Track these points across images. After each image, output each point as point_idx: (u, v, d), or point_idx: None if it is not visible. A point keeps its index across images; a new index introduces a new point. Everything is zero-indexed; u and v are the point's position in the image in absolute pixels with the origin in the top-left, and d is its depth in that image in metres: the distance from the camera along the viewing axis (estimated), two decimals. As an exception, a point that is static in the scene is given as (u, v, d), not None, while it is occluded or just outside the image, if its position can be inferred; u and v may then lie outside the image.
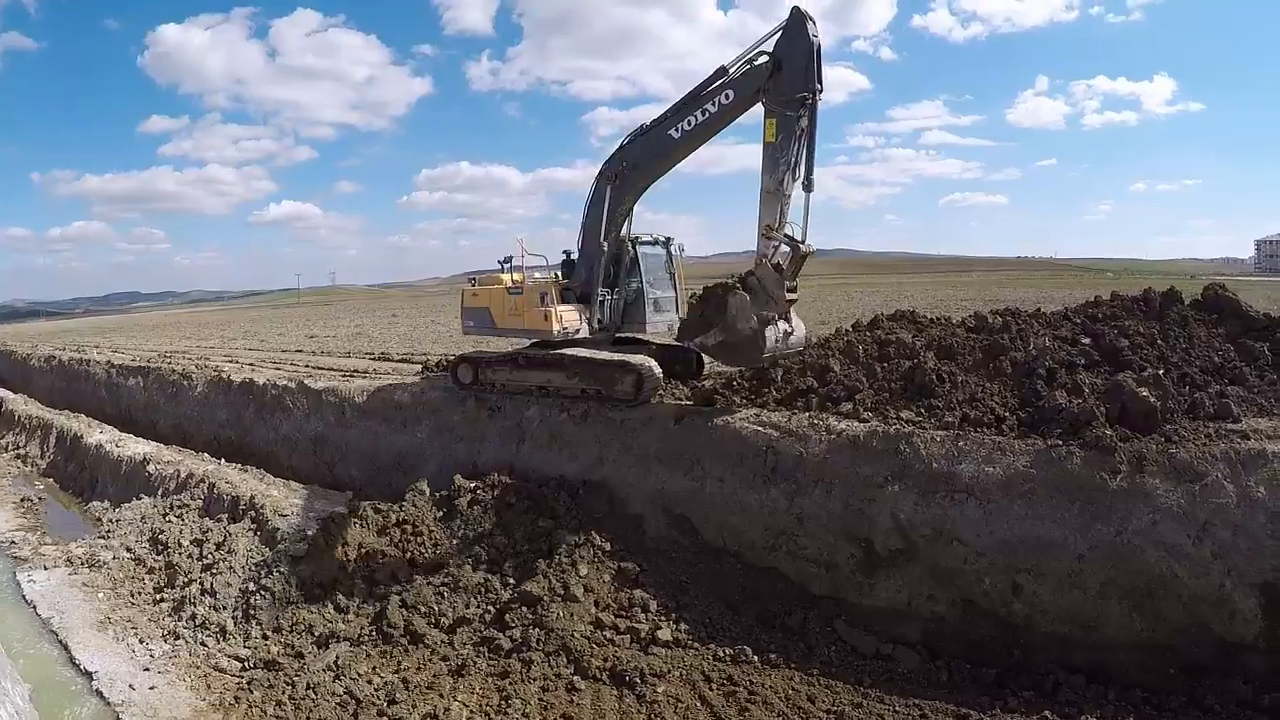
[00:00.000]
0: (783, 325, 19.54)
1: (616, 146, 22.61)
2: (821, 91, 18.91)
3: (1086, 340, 19.10)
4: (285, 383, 31.83)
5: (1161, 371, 17.22)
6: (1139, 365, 17.73)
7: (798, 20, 18.85)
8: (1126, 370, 17.34)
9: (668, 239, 24.69)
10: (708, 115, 20.44)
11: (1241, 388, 17.20)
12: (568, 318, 23.19)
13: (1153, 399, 16.03)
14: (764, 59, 19.30)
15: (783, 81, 18.87)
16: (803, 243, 19.31)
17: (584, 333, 23.47)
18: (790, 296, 19.63)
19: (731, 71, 19.98)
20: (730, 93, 19.97)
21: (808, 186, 19.27)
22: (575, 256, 23.97)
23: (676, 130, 21.06)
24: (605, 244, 22.92)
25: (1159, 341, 18.74)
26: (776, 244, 19.17)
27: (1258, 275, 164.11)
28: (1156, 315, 19.81)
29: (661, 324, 24.20)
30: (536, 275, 24.87)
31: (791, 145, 18.77)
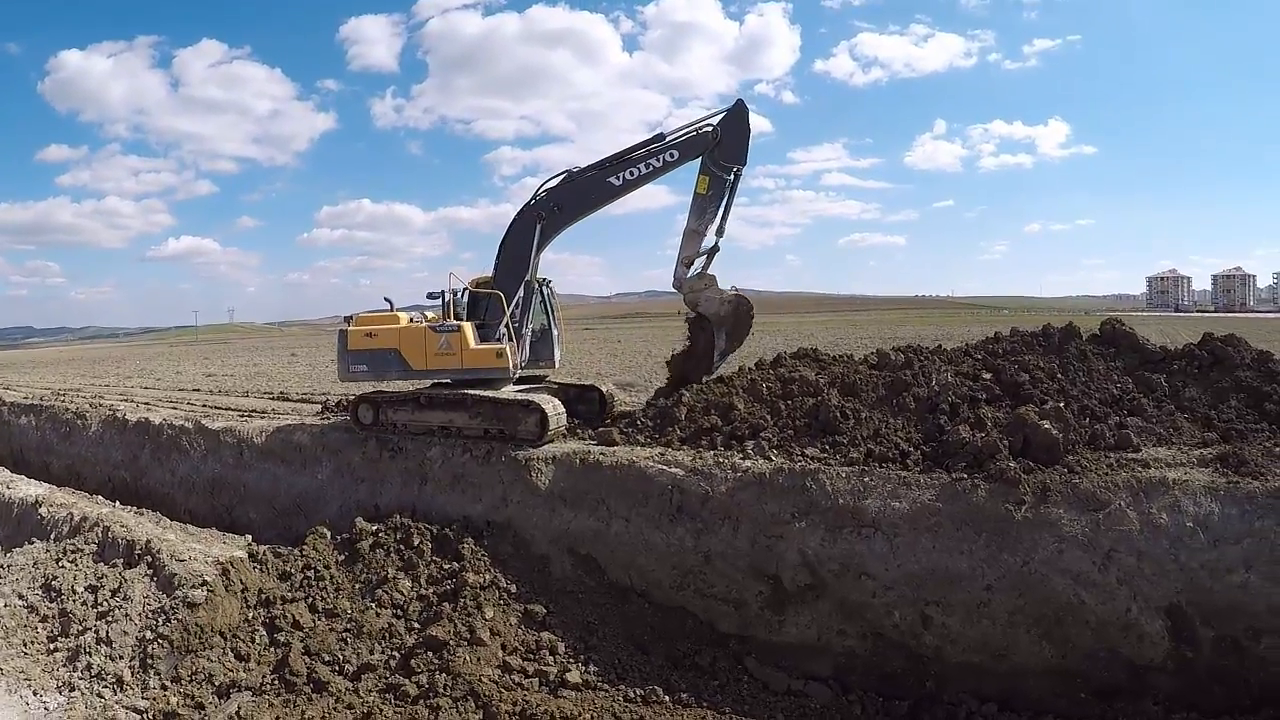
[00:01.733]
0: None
1: (541, 189, 23.46)
2: (745, 164, 22.62)
3: (988, 375, 19.43)
4: (182, 422, 31.05)
5: (1062, 404, 17.59)
6: (1040, 399, 18.07)
7: (742, 110, 22.56)
8: (1028, 404, 17.68)
9: (547, 280, 24.90)
10: (651, 169, 22.71)
11: (1140, 418, 17.64)
12: (482, 357, 22.77)
13: (1054, 431, 16.34)
14: (709, 129, 22.33)
15: (723, 152, 22.21)
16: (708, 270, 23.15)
17: (496, 372, 23.01)
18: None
19: (671, 137, 22.65)
20: (675, 153, 22.57)
21: (720, 233, 22.75)
22: (465, 295, 23.73)
23: (618, 178, 22.86)
24: (525, 282, 22.99)
25: (1059, 375, 19.15)
26: (691, 264, 22.89)
27: (1149, 310, 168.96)
28: (1056, 350, 20.20)
29: (559, 359, 24.98)
30: (427, 314, 24.50)
31: (719, 199, 22.35)
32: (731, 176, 22.33)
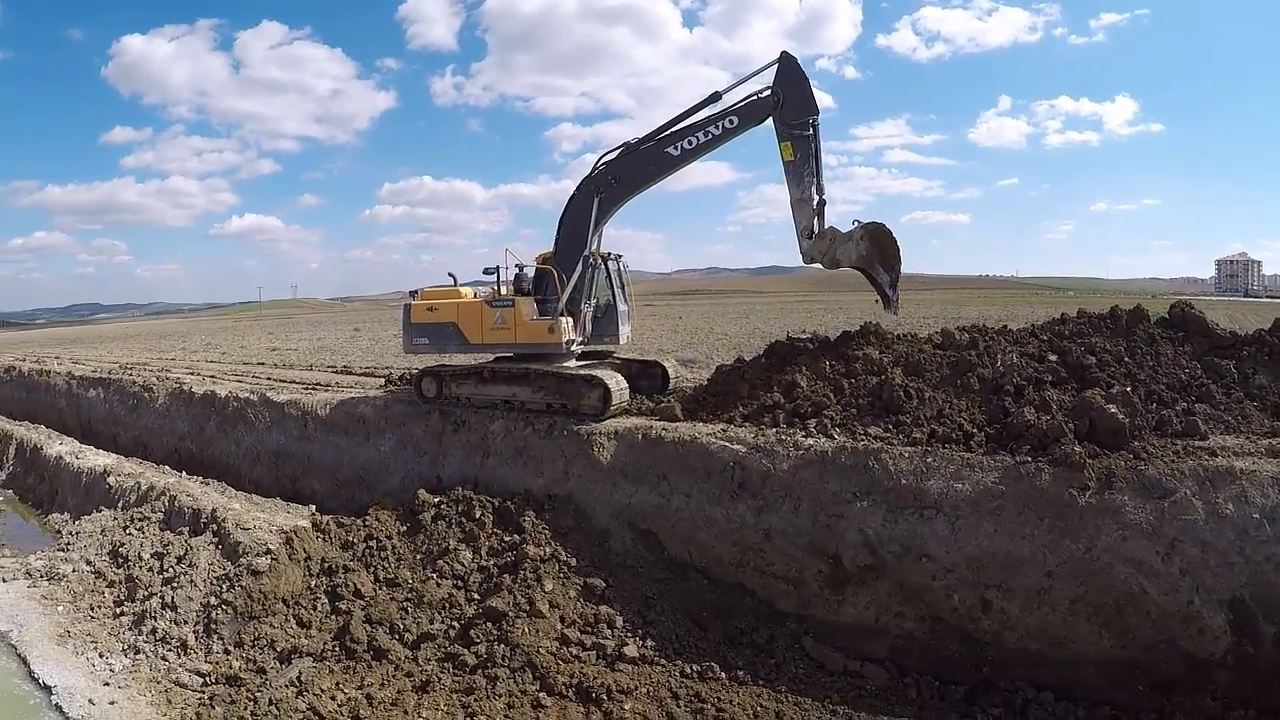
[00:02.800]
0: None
1: (600, 161, 22.95)
2: (819, 113, 21.41)
3: (1054, 357, 19.09)
4: (247, 395, 31.49)
5: (1129, 388, 17.23)
6: (1106, 382, 17.75)
7: (790, 62, 21.35)
8: (1094, 387, 17.37)
9: (618, 255, 24.71)
10: (710, 136, 21.90)
11: (1208, 405, 17.24)
12: (537, 331, 22.86)
13: (1121, 416, 16.05)
14: (767, 93, 21.33)
15: (790, 110, 21.12)
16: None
17: (578, 346, 23.37)
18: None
19: (732, 102, 21.81)
20: (735, 119, 21.67)
21: (820, 190, 21.61)
22: (530, 271, 23.69)
23: (676, 148, 22.17)
24: (586, 257, 22.69)
25: (1126, 359, 18.76)
26: (810, 233, 21.65)
27: (1217, 295, 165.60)
28: (1123, 332, 19.82)
29: (626, 335, 24.48)
30: (481, 290, 24.56)
31: (808, 160, 21.29)
32: (810, 130, 21.31)
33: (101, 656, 18.25)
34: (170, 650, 18.13)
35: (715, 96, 21.99)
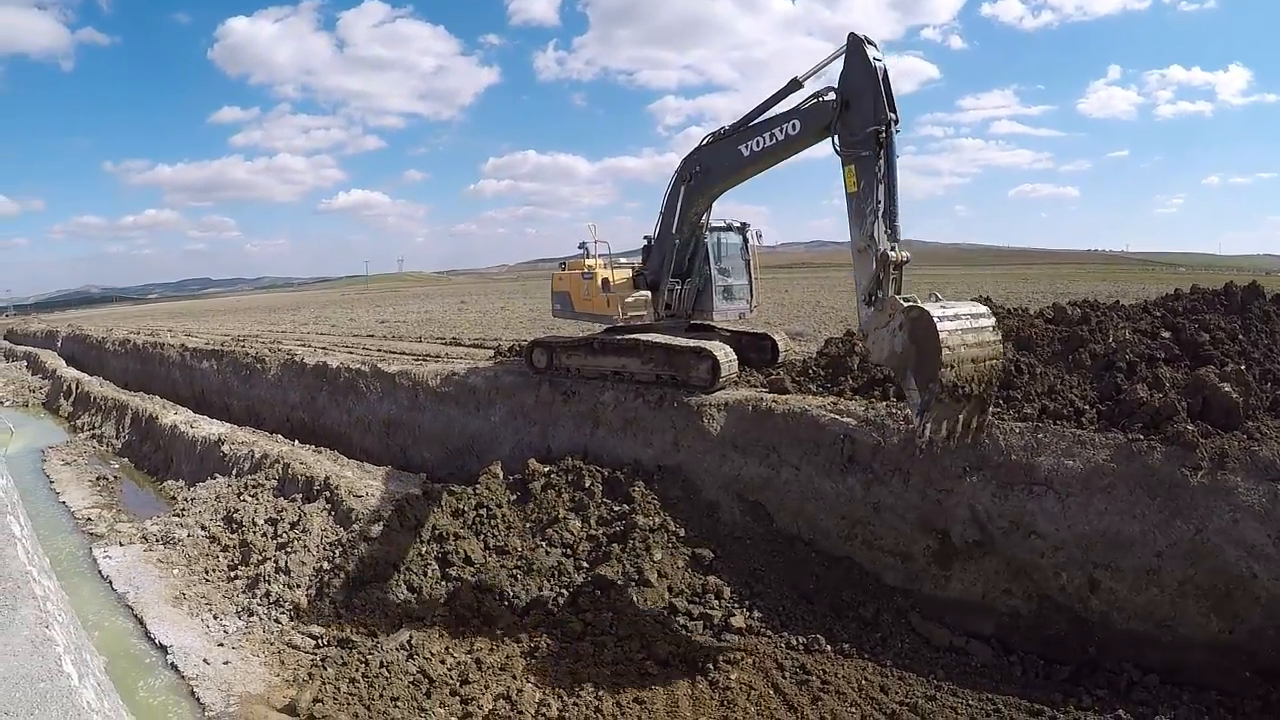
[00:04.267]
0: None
1: (696, 145, 21.45)
2: (897, 121, 15.83)
3: (1167, 334, 18.81)
4: (358, 366, 32.24)
5: (1244, 367, 16.87)
6: (1220, 360, 17.43)
7: (855, 47, 16.29)
8: (1208, 365, 17.08)
9: (744, 225, 24.50)
10: (775, 141, 18.93)
11: (1326, 385, 16.89)
12: (631, 303, 23.33)
13: (1235, 395, 15.77)
14: (831, 95, 16.86)
15: (852, 118, 16.14)
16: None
17: (649, 319, 23.55)
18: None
19: (800, 103, 18.06)
20: (797, 123, 18.16)
21: (894, 236, 15.35)
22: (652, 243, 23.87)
23: (746, 148, 19.77)
24: (677, 236, 22.76)
25: (1241, 337, 18.39)
26: (873, 297, 15.26)
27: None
28: (1238, 310, 19.48)
29: (732, 311, 24.21)
30: (622, 261, 24.97)
31: (875, 190, 15.41)
32: (878, 147, 15.53)
33: (216, 618, 18.93)
34: (283, 613, 18.77)
35: (795, 84, 18.27)
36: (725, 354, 21.69)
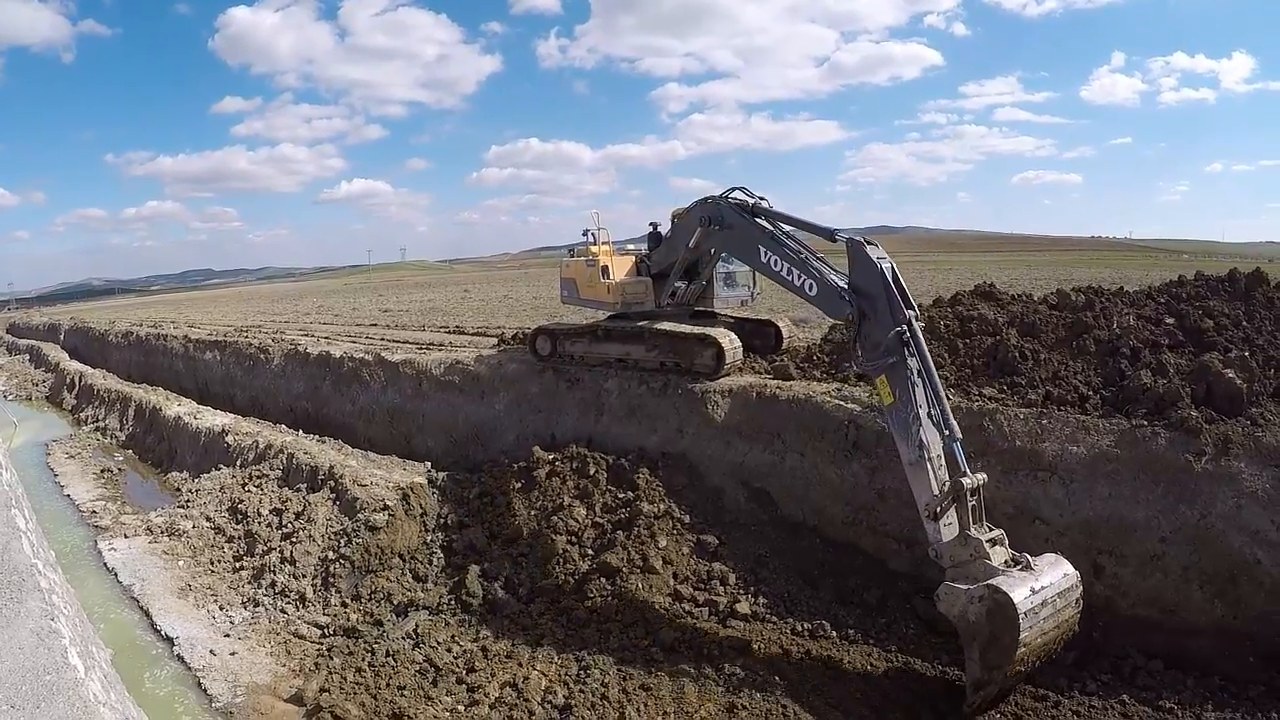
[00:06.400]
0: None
1: (727, 192, 19.47)
2: (915, 312, 15.03)
3: (1171, 320, 18.84)
4: (362, 355, 32.24)
5: (1247, 353, 16.92)
6: (1224, 346, 17.48)
7: (857, 251, 15.57)
8: (1211, 351, 17.12)
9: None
10: (791, 276, 17.39)
11: (1330, 371, 16.88)
12: (631, 290, 23.39)
13: (1239, 381, 15.82)
14: (847, 309, 15.78)
15: (871, 331, 15.22)
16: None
17: (649, 305, 23.45)
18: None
19: (824, 290, 16.50)
20: (814, 286, 16.78)
21: (951, 429, 14.11)
22: (662, 232, 23.63)
23: (763, 254, 18.16)
24: (689, 255, 21.78)
25: (1244, 323, 18.44)
26: (938, 515, 14.27)
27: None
28: (1242, 296, 19.49)
29: (734, 299, 23.98)
30: (629, 249, 25.08)
31: (913, 396, 14.37)
32: (903, 350, 14.60)
33: (221, 609, 19.00)
34: (289, 603, 18.85)
35: (831, 237, 16.57)
36: (730, 340, 21.61)
